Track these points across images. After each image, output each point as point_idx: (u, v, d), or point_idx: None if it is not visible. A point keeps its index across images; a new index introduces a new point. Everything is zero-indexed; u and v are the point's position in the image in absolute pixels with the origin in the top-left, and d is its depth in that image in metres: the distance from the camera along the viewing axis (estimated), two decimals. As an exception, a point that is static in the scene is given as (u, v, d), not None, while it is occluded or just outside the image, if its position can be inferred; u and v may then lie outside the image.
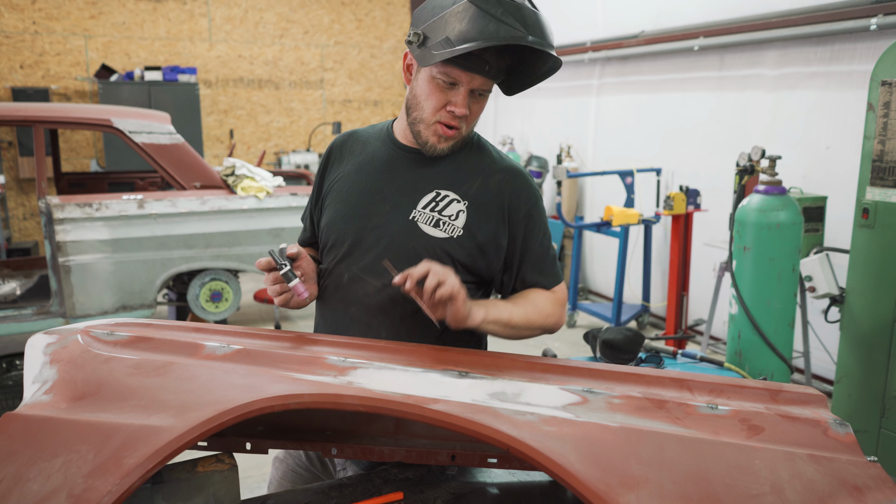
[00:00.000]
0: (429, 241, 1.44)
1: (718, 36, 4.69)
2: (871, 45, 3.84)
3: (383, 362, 1.23)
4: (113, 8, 7.49)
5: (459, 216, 1.45)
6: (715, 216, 4.84)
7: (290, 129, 8.51)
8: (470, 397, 1.12)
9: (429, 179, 1.48)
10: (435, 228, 1.44)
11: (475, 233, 1.45)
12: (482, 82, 1.38)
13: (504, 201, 1.47)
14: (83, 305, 3.85)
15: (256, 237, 4.20)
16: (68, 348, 1.20)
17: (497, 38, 1.26)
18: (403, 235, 1.45)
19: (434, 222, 1.44)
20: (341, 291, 1.49)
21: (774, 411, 1.17)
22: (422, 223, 1.44)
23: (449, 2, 1.32)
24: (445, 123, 1.41)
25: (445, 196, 1.46)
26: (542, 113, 7.07)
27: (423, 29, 1.34)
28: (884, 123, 2.68)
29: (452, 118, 1.40)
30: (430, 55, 1.31)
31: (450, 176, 1.48)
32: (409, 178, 1.49)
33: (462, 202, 1.46)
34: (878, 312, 2.69)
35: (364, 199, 1.50)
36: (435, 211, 1.45)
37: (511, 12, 1.27)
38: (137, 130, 3.97)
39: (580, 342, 5.15)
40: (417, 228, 1.44)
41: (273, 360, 1.20)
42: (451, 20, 1.29)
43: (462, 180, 1.48)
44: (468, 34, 1.27)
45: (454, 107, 1.38)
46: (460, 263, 1.45)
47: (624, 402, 1.16)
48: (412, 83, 1.45)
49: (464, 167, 1.49)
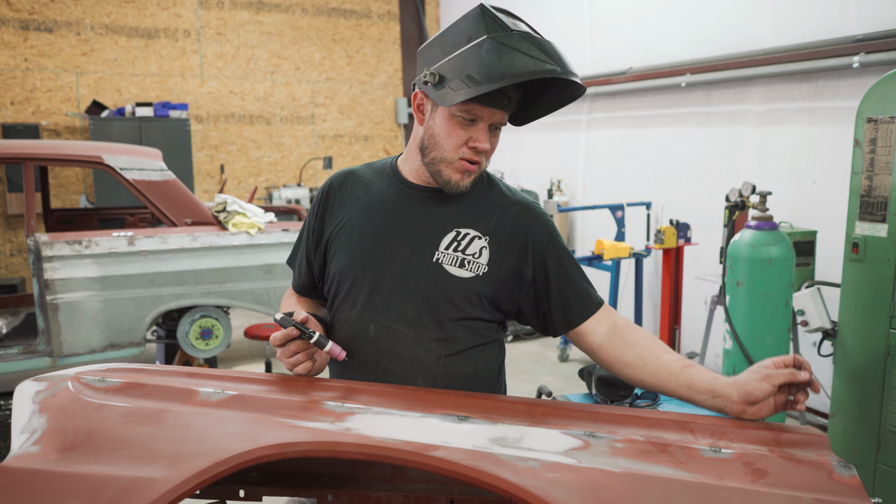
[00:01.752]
0: (457, 282, 1.41)
1: (705, 73, 4.78)
2: (853, 81, 3.92)
3: (382, 407, 1.21)
4: (105, 45, 7.55)
5: (483, 253, 1.43)
6: (705, 250, 4.86)
7: (281, 164, 8.54)
8: (470, 443, 1.10)
9: (447, 218, 1.46)
10: (461, 269, 1.42)
11: (499, 268, 1.44)
12: (501, 116, 1.38)
13: (524, 233, 1.47)
14: (71, 344, 3.79)
15: (248, 273, 4.17)
16: (58, 396, 1.17)
17: (528, 72, 1.25)
18: (430, 279, 1.42)
19: (459, 262, 1.42)
20: (369, 343, 1.43)
21: (778, 454, 1.15)
22: (447, 265, 1.42)
23: (462, 39, 1.31)
24: (468, 160, 1.39)
25: (466, 234, 1.44)
26: (532, 147, 7.14)
27: (438, 69, 1.33)
28: (871, 159, 2.71)
29: (475, 154, 1.39)
30: (453, 94, 1.29)
31: (467, 213, 1.46)
32: (427, 219, 1.46)
33: (483, 238, 1.44)
34: (871, 346, 2.69)
35: (380, 244, 1.45)
36: (458, 251, 1.43)
37: (534, 45, 1.27)
38: (128, 167, 3.96)
39: (573, 377, 5.12)
40: (443, 270, 1.42)
41: (269, 407, 1.18)
42: (471, 57, 1.27)
43: (480, 216, 1.46)
44: (494, 70, 1.25)
45: (476, 142, 1.37)
46: (488, 300, 1.44)
47: (626, 445, 1.14)
48: (426, 123, 1.42)
49: (479, 203, 1.48)
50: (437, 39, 1.37)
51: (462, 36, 1.31)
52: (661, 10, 5.28)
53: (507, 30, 1.28)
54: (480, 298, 1.43)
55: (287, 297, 1.68)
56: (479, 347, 1.47)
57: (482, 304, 1.44)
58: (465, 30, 1.31)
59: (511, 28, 1.29)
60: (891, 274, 2.61)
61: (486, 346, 1.48)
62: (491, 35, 1.27)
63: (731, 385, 1.29)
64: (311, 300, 1.64)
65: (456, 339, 1.43)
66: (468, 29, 1.31)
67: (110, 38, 7.57)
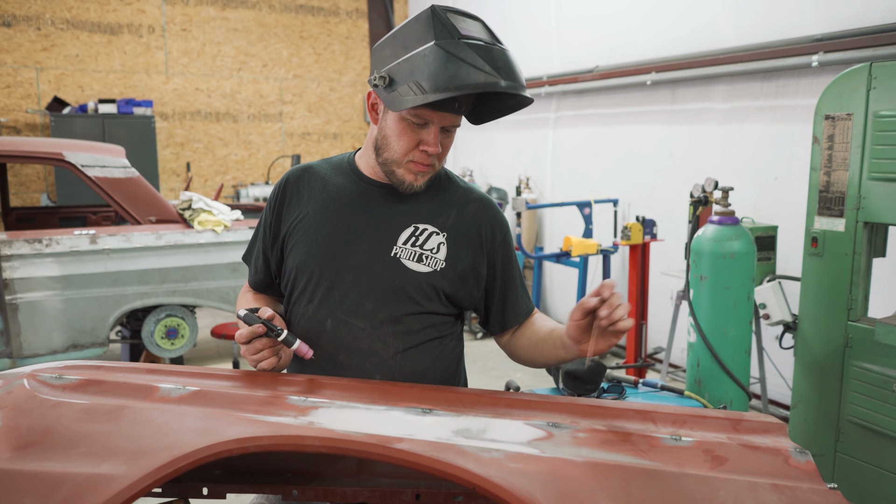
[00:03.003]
0: (415, 277, 1.42)
1: (669, 71, 4.84)
2: (813, 80, 4.01)
3: (345, 401, 1.20)
4: (66, 41, 7.38)
5: (440, 248, 1.45)
6: (671, 245, 4.93)
7: (249, 162, 8.44)
8: (434, 435, 1.11)
9: (405, 214, 1.46)
10: (419, 263, 1.43)
11: (456, 263, 1.46)
12: (453, 119, 1.38)
13: (481, 230, 1.51)
14: (31, 345, 3.70)
15: (214, 272, 4.12)
16: (13, 394, 1.14)
17: (471, 85, 1.23)
18: (387, 273, 1.42)
19: (417, 257, 1.43)
20: (326, 338, 1.43)
21: (737, 441, 1.18)
22: (405, 259, 1.43)
23: (412, 42, 1.28)
24: (419, 162, 1.39)
25: (424, 230, 1.46)
26: (501, 145, 7.16)
27: (388, 71, 1.31)
28: (829, 156, 2.78)
29: (426, 157, 1.39)
30: (401, 100, 1.28)
31: (425, 209, 1.48)
32: (384, 214, 1.46)
33: (441, 234, 1.46)
34: (830, 338, 2.76)
35: (338, 238, 1.45)
36: (416, 246, 1.44)
37: (481, 55, 1.25)
38: (90, 164, 3.88)
39: (541, 372, 5.15)
40: (401, 265, 1.42)
41: (231, 402, 1.17)
42: (419, 64, 1.25)
43: (438, 212, 1.48)
44: (439, 80, 1.23)
45: (426, 146, 1.37)
46: (445, 295, 1.46)
47: (589, 435, 1.15)
48: (380, 123, 1.42)
49: (437, 199, 1.50)
50: (390, 39, 1.35)
51: (412, 39, 1.29)
52: (627, 10, 5.34)
53: (454, 36, 1.26)
54: (438, 293, 1.44)
55: (243, 293, 1.66)
56: (437, 341, 1.48)
57: (439, 299, 1.45)
58: (414, 32, 1.29)
59: (460, 34, 1.27)
60: (848, 267, 2.68)
61: (443, 339, 1.50)
62: (438, 42, 1.25)
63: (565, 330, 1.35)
64: (267, 297, 1.63)
65: (413, 333, 1.44)
66: (417, 32, 1.28)
67: (71, 33, 7.40)
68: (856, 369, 2.65)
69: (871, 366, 2.60)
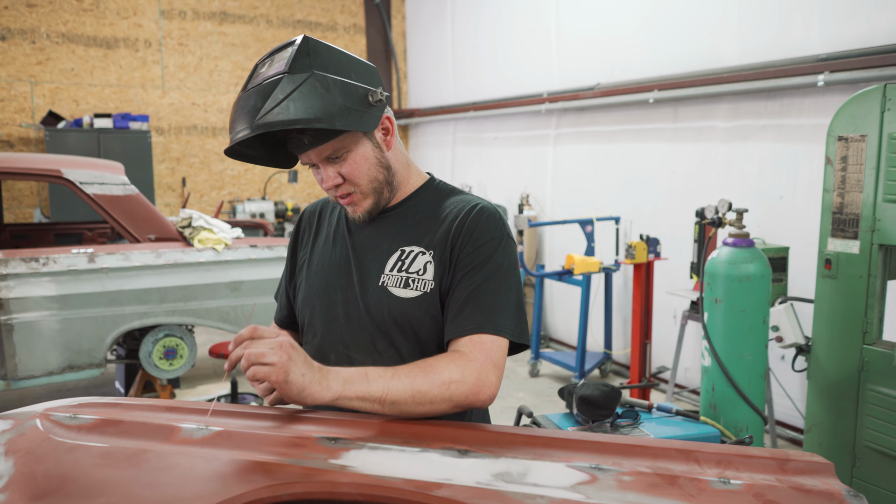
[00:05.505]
0: (402, 304, 1.36)
1: (672, 89, 4.84)
2: (817, 100, 4.00)
3: (376, 442, 1.14)
4: (61, 54, 7.32)
5: (427, 268, 1.36)
6: (674, 264, 4.90)
7: (245, 178, 8.38)
8: (474, 479, 1.05)
9: (392, 239, 1.42)
10: (405, 289, 1.36)
11: (445, 281, 1.36)
12: (320, 151, 1.32)
13: (454, 237, 1.36)
14: (26, 367, 3.61)
15: (214, 291, 4.05)
16: (26, 436, 1.08)
17: (233, 141, 1.26)
18: (377, 303, 1.38)
19: (403, 283, 1.37)
20: None
21: (787, 483, 1.13)
22: (391, 287, 1.37)
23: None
24: (337, 196, 1.40)
25: (411, 251, 1.39)
26: (500, 162, 7.14)
27: None
28: (842, 177, 2.75)
29: (334, 190, 1.38)
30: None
31: (411, 230, 1.42)
32: (373, 243, 1.44)
33: (427, 252, 1.38)
34: (845, 362, 2.72)
35: (334, 271, 1.45)
36: (402, 271, 1.38)
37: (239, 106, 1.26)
38: (89, 181, 3.82)
39: (544, 392, 5.10)
40: (388, 293, 1.37)
41: (257, 443, 1.11)
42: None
43: (424, 231, 1.41)
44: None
45: (324, 182, 1.37)
46: (437, 318, 1.36)
47: (634, 479, 1.10)
48: None
49: (426, 218, 1.43)
50: None
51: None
52: (628, 28, 5.34)
53: (245, 88, 1.29)
54: (431, 318, 1.35)
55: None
56: None
57: (435, 325, 1.36)
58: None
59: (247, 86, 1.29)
60: (863, 290, 2.65)
61: None
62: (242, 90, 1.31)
63: None
64: (291, 332, 1.61)
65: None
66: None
67: (67, 46, 7.35)
68: (872, 393, 2.61)
69: (887, 390, 2.56)
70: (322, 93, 1.22)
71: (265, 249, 4.21)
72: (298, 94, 1.20)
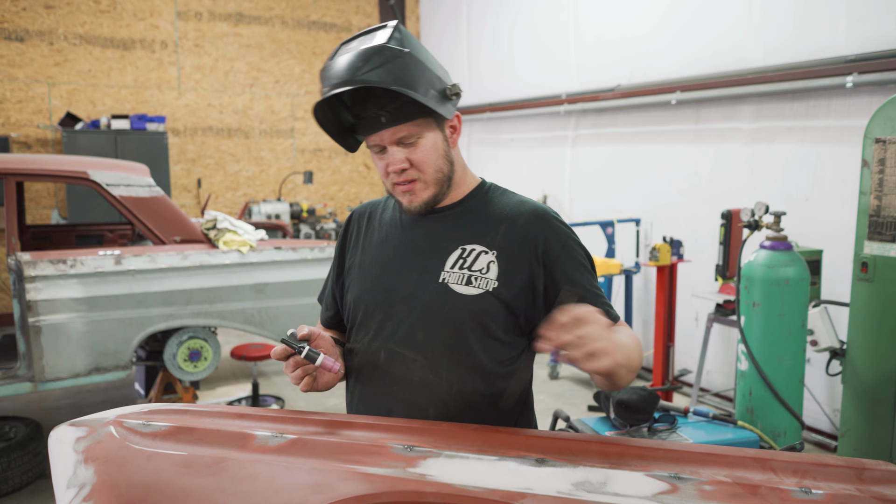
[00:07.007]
0: (465, 301, 1.35)
1: (694, 91, 4.81)
2: (845, 101, 3.98)
3: (451, 450, 1.13)
4: (78, 56, 7.34)
5: (491, 268, 1.37)
6: (697, 266, 4.88)
7: (260, 178, 8.39)
8: (555, 489, 1.04)
9: (451, 237, 1.42)
10: (468, 286, 1.36)
11: (510, 282, 1.36)
12: (393, 132, 1.33)
13: (535, 243, 1.38)
14: (53, 368, 3.61)
15: (239, 293, 4.04)
16: (102, 444, 1.07)
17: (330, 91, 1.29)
18: (437, 301, 1.37)
19: (466, 280, 1.36)
20: (380, 370, 1.40)
21: (867, 493, 1.11)
22: (452, 283, 1.37)
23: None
24: (399, 182, 1.38)
25: (472, 250, 1.39)
26: (517, 163, 7.12)
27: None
28: (879, 179, 2.73)
29: (399, 175, 1.37)
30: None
31: (471, 228, 1.42)
32: (430, 240, 1.43)
33: (490, 252, 1.38)
34: (881, 366, 2.69)
35: (389, 270, 1.44)
36: (464, 268, 1.37)
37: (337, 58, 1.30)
38: (115, 183, 3.82)
39: (565, 394, 5.08)
40: (450, 290, 1.36)
41: (333, 451, 1.10)
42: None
43: (485, 230, 1.41)
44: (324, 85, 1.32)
45: (390, 166, 1.36)
46: (501, 318, 1.36)
47: (715, 488, 1.09)
48: None
49: (484, 217, 1.43)
50: None
51: None
52: (649, 28, 5.32)
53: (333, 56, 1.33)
54: (492, 317, 1.36)
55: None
56: (495, 373, 1.38)
57: (495, 323, 1.36)
58: None
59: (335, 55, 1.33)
60: (901, 294, 2.62)
61: (504, 369, 1.39)
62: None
63: None
64: (336, 332, 1.61)
65: (468, 364, 1.35)
66: None
67: (84, 48, 7.37)
68: (911, 398, 2.59)
69: (927, 395, 2.54)
70: (414, 71, 1.29)
71: (289, 251, 4.21)
72: (396, 64, 1.27)
